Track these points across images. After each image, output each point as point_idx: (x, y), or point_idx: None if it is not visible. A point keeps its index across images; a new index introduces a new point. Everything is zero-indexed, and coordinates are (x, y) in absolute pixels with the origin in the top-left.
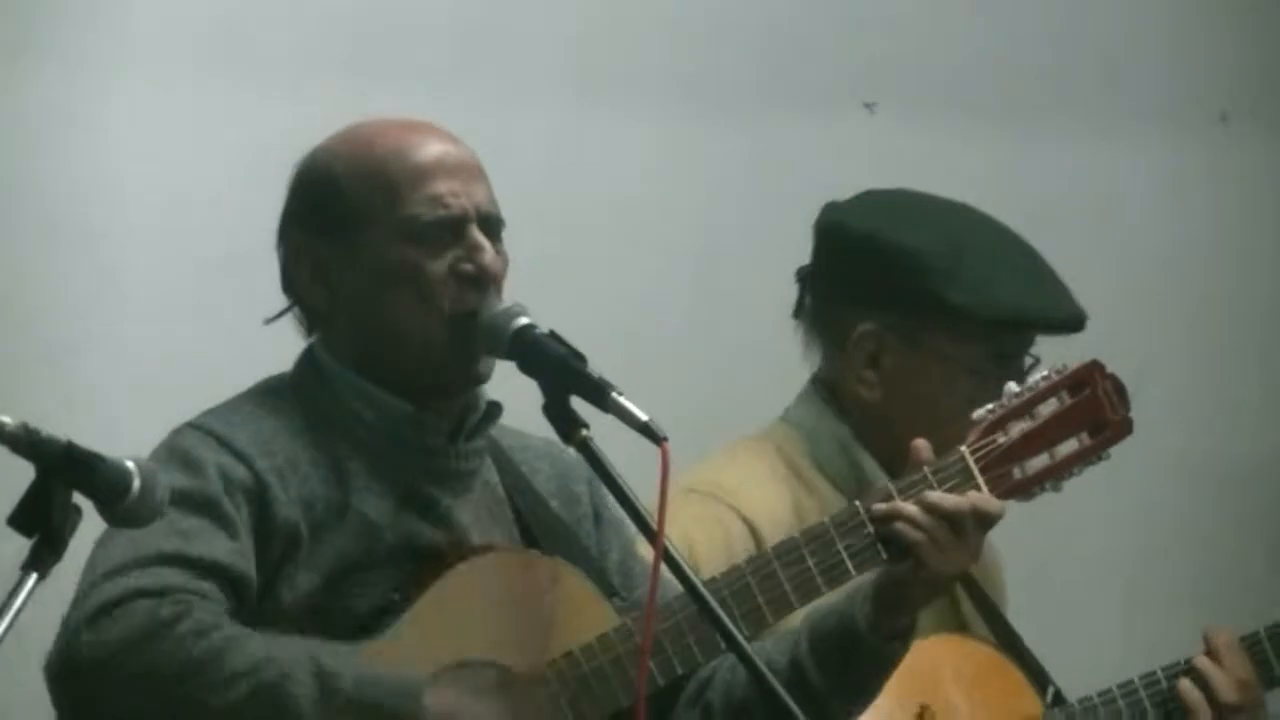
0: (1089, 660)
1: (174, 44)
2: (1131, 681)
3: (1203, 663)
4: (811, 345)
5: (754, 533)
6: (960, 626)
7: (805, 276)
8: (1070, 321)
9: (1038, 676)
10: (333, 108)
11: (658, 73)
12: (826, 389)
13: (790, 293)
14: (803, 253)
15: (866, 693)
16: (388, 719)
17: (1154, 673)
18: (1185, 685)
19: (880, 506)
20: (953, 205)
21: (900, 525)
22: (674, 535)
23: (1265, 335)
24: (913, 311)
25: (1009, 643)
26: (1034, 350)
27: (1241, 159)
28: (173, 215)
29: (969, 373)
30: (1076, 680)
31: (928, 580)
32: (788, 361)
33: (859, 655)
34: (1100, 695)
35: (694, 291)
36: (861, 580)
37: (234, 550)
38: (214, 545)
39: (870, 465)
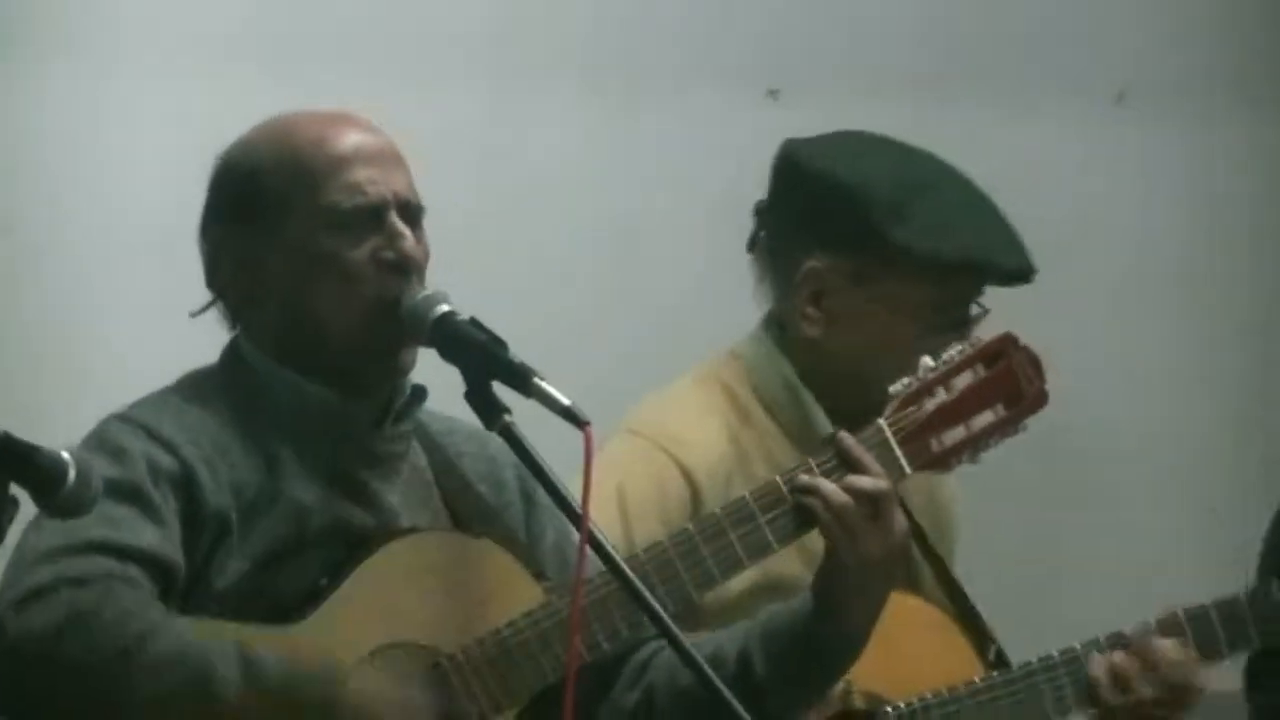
0: None
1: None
2: (1074, 648)
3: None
4: (763, 281)
5: (691, 483)
6: (910, 578)
7: (760, 211)
8: (1018, 271)
9: (979, 635)
10: (268, 99)
11: (569, 58)
12: (777, 325)
13: (703, 273)
14: (711, 237)
15: (810, 687)
16: (309, 705)
17: (1097, 639)
18: (1095, 664)
19: (804, 479)
20: (914, 150)
21: (811, 500)
22: (609, 476)
23: (1161, 311)
24: (857, 249)
25: (954, 598)
26: (983, 302)
27: (1137, 139)
28: (108, 204)
29: (911, 317)
30: None
31: (842, 568)
32: (703, 339)
33: (802, 646)
34: (1040, 660)
35: (606, 275)
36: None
37: (161, 537)
38: (141, 533)
39: (811, 403)
